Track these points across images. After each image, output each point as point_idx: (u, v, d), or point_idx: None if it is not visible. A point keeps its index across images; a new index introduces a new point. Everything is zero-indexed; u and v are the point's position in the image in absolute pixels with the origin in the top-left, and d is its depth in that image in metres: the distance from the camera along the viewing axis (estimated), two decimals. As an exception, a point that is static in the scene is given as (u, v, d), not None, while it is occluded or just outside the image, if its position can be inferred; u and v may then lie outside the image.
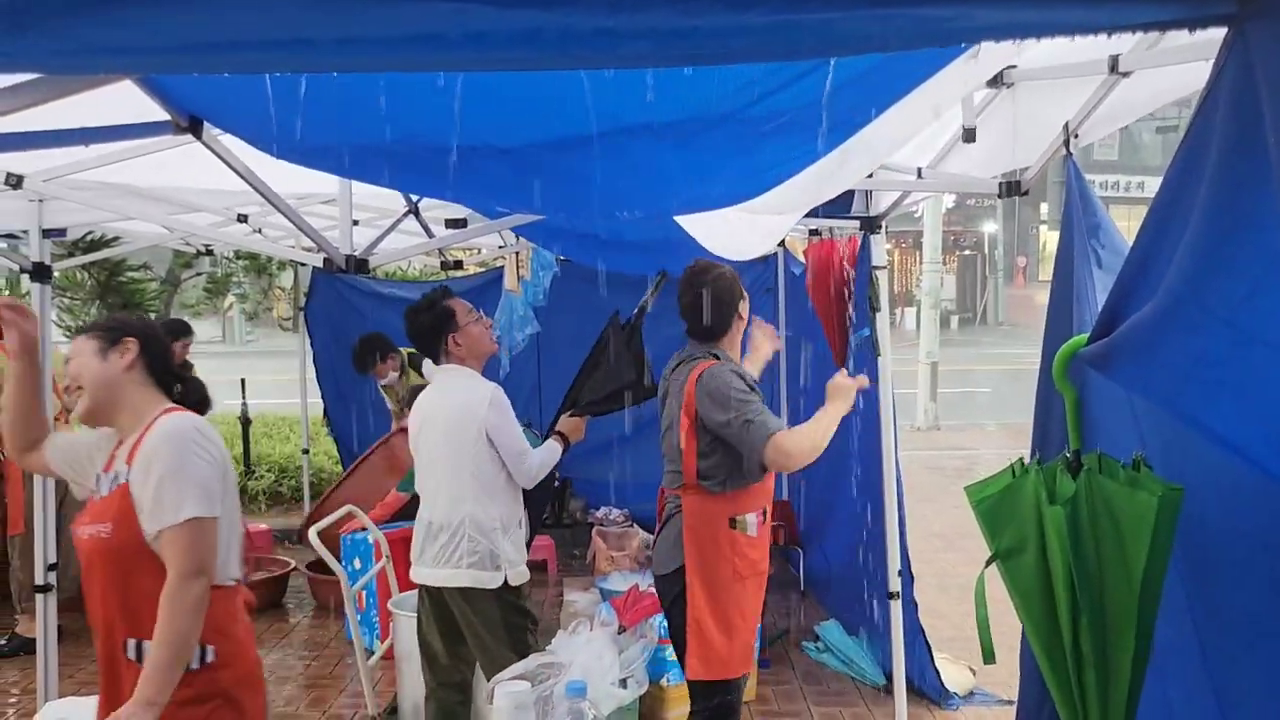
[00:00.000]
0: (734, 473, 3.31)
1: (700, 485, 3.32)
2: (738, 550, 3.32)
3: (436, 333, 3.65)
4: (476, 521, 3.52)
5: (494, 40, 1.21)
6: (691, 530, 3.33)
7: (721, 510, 3.32)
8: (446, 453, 3.57)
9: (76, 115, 2.20)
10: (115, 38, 1.22)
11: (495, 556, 3.52)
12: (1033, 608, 1.70)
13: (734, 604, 3.31)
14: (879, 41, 1.19)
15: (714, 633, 3.29)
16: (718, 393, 3.25)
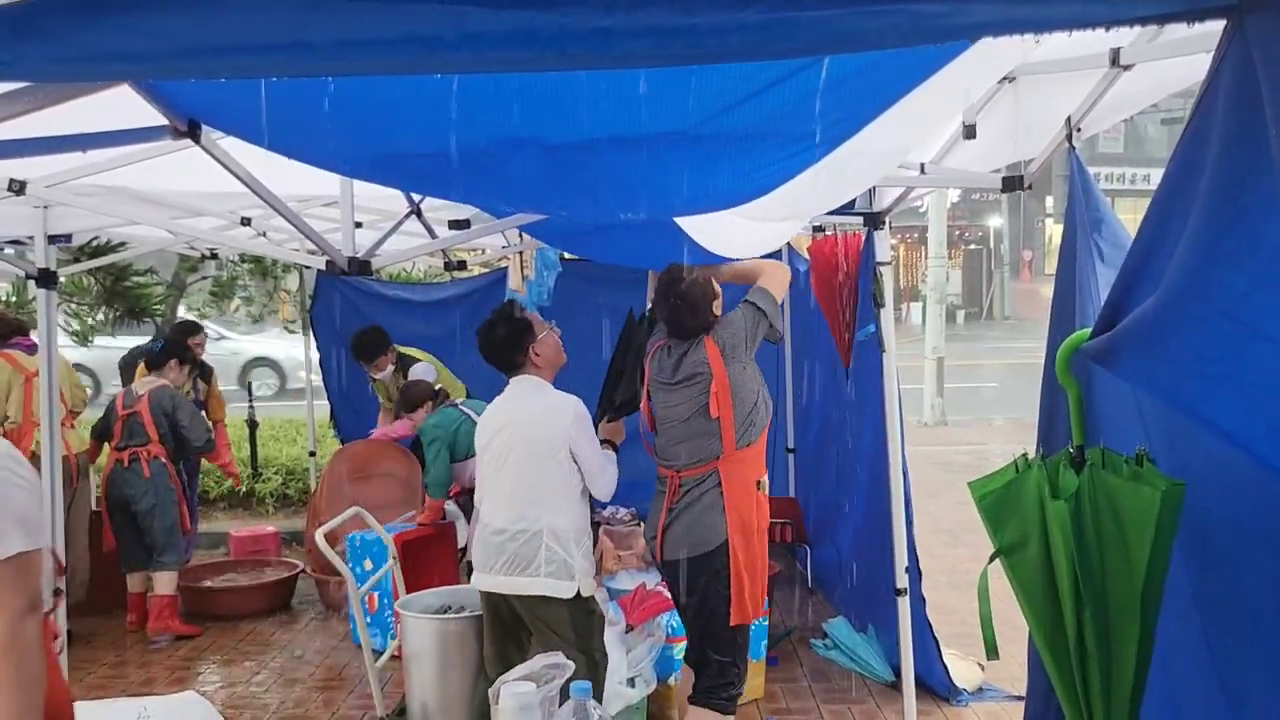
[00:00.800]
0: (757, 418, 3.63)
1: (737, 450, 3.60)
2: (761, 510, 3.66)
3: (516, 343, 3.68)
4: (555, 531, 3.55)
5: (490, 41, 1.21)
6: (731, 498, 3.59)
7: (750, 475, 3.63)
8: (525, 462, 3.59)
9: (74, 121, 2.20)
10: (114, 44, 1.22)
11: (570, 566, 3.55)
12: (1036, 603, 1.70)
13: (760, 555, 3.67)
14: (875, 38, 1.19)
15: (747, 583, 3.61)
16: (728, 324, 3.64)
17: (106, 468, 5.91)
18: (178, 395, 6.12)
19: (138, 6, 1.16)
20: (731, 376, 3.55)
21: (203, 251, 7.24)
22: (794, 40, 1.23)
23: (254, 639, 5.88)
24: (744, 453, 3.58)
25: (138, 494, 5.83)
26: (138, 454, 5.86)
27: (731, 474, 3.58)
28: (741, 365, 3.57)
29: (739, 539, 3.56)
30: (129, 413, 5.93)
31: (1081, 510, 1.62)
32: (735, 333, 3.61)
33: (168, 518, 5.88)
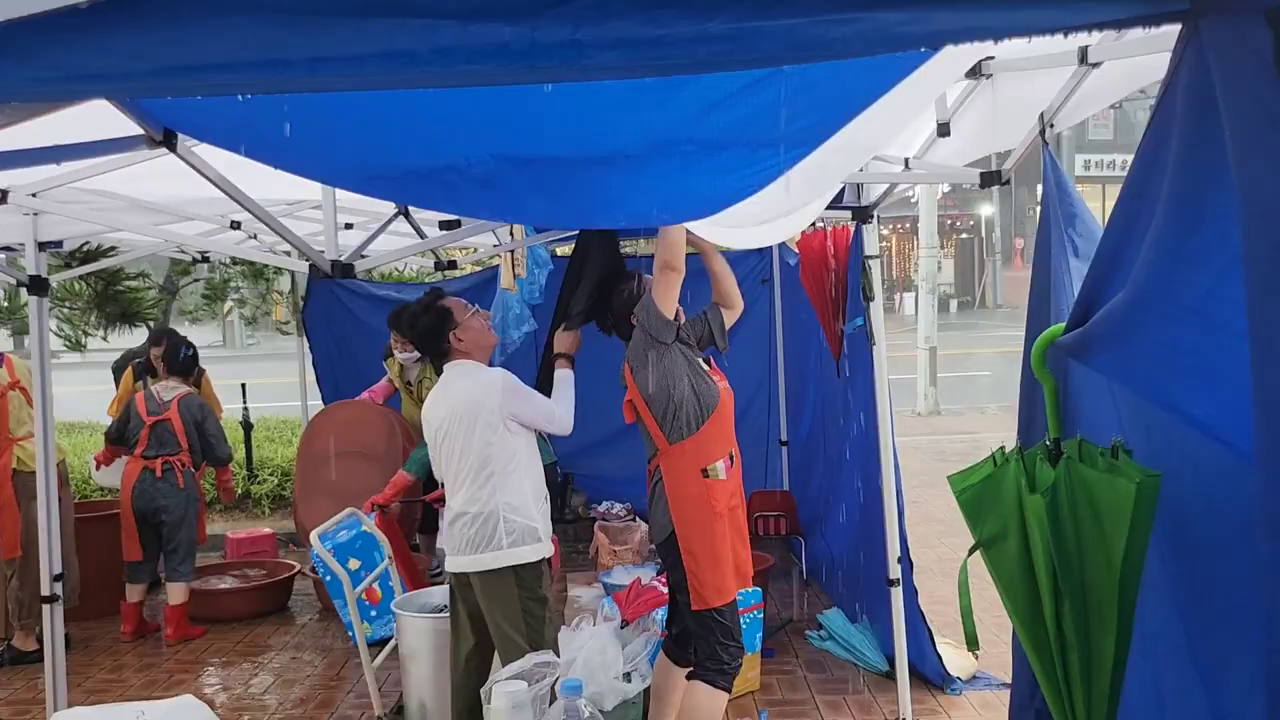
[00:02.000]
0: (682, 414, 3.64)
1: (670, 445, 3.64)
2: (713, 494, 3.64)
3: (438, 333, 3.75)
4: (510, 505, 3.63)
5: (462, 55, 1.23)
6: (672, 490, 3.65)
7: (693, 464, 3.63)
8: (466, 444, 3.65)
9: (49, 131, 2.19)
10: (91, 64, 1.24)
11: (534, 530, 3.66)
12: (1016, 595, 1.72)
13: (718, 539, 3.64)
14: (840, 46, 1.21)
15: (706, 569, 3.62)
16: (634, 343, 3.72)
17: (131, 476, 5.86)
18: (205, 404, 6.13)
19: (113, 27, 1.18)
20: (639, 385, 3.64)
21: (194, 255, 7.24)
22: (760, 50, 1.25)
23: (252, 641, 5.91)
24: (682, 445, 3.63)
25: (172, 504, 5.82)
26: (171, 464, 5.84)
27: (671, 468, 3.65)
28: (645, 374, 3.63)
29: (684, 529, 3.61)
30: (157, 420, 5.89)
31: (1059, 503, 1.64)
32: (632, 348, 3.71)
33: (193, 529, 5.93)
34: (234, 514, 8.47)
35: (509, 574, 3.62)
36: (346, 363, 8.10)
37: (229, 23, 1.19)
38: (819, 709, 4.67)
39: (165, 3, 1.16)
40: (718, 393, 3.71)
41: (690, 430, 3.63)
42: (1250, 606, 1.57)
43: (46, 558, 4.01)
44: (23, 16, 1.08)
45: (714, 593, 3.62)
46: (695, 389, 3.66)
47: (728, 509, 3.69)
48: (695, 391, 3.65)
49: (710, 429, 3.66)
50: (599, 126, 2.00)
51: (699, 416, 3.64)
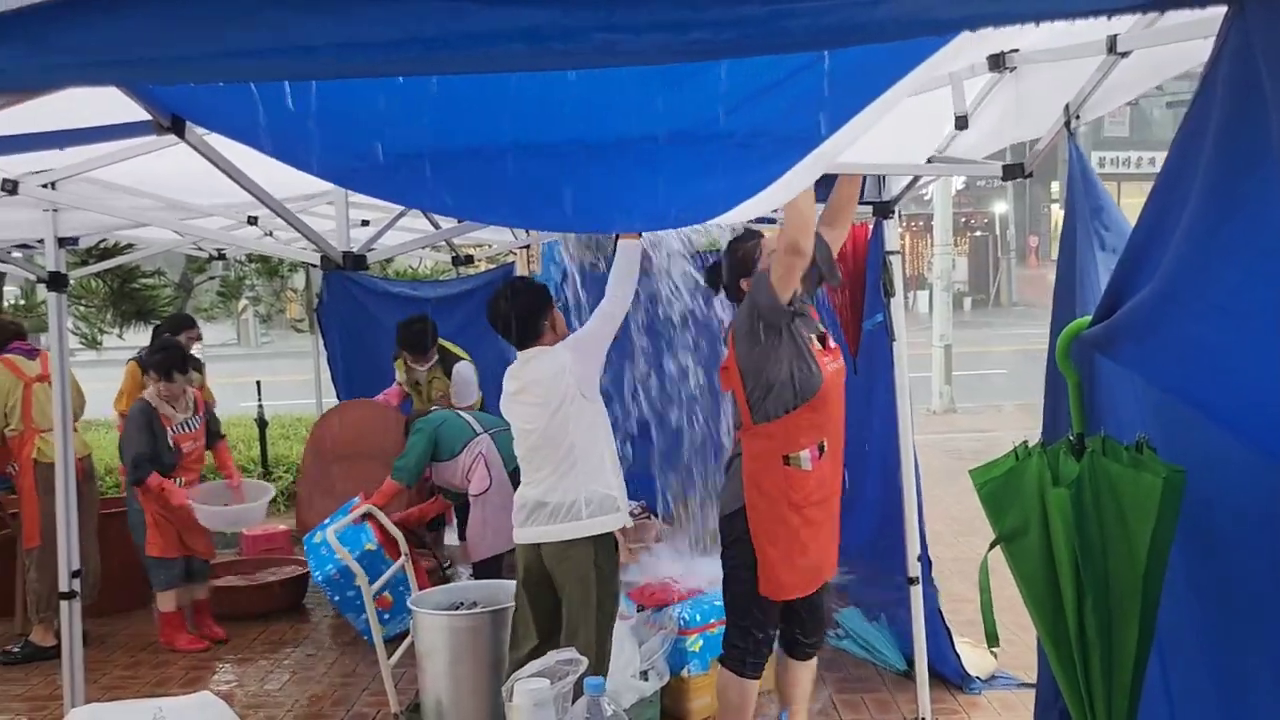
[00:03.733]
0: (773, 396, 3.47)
1: (755, 424, 3.50)
2: (792, 484, 3.49)
3: (538, 311, 3.77)
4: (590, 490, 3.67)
5: (491, 40, 1.21)
6: (750, 472, 3.53)
7: (776, 449, 3.49)
8: (544, 432, 3.70)
9: (50, 115, 2.15)
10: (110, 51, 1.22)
11: (613, 499, 3.71)
12: (1036, 590, 1.70)
13: (793, 534, 3.51)
14: (876, 29, 1.19)
15: (778, 562, 3.51)
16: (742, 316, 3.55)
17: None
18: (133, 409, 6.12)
19: (134, 12, 1.16)
20: (740, 358, 3.52)
21: (210, 252, 7.24)
22: (793, 33, 1.23)
23: (267, 638, 5.91)
24: (767, 427, 3.48)
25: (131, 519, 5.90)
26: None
27: (752, 448, 3.53)
28: (747, 348, 3.48)
29: (756, 512, 3.51)
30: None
31: (1082, 497, 1.62)
32: (739, 319, 3.57)
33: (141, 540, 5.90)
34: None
35: (587, 544, 3.66)
36: (361, 360, 8.09)
37: (253, 8, 1.17)
38: (837, 708, 4.64)
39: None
40: (819, 381, 3.49)
41: (777, 414, 3.46)
42: (1271, 604, 1.54)
43: (65, 553, 4.01)
44: (40, 1, 1.06)
45: (774, 584, 3.54)
46: (794, 374, 3.47)
47: (810, 502, 3.52)
48: (794, 377, 3.47)
49: (801, 416, 3.47)
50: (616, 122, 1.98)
51: (791, 403, 3.46)
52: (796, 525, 3.51)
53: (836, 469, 3.63)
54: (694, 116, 1.88)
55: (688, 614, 4.51)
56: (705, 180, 2.31)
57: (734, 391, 3.58)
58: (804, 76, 1.70)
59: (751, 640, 3.64)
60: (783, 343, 3.46)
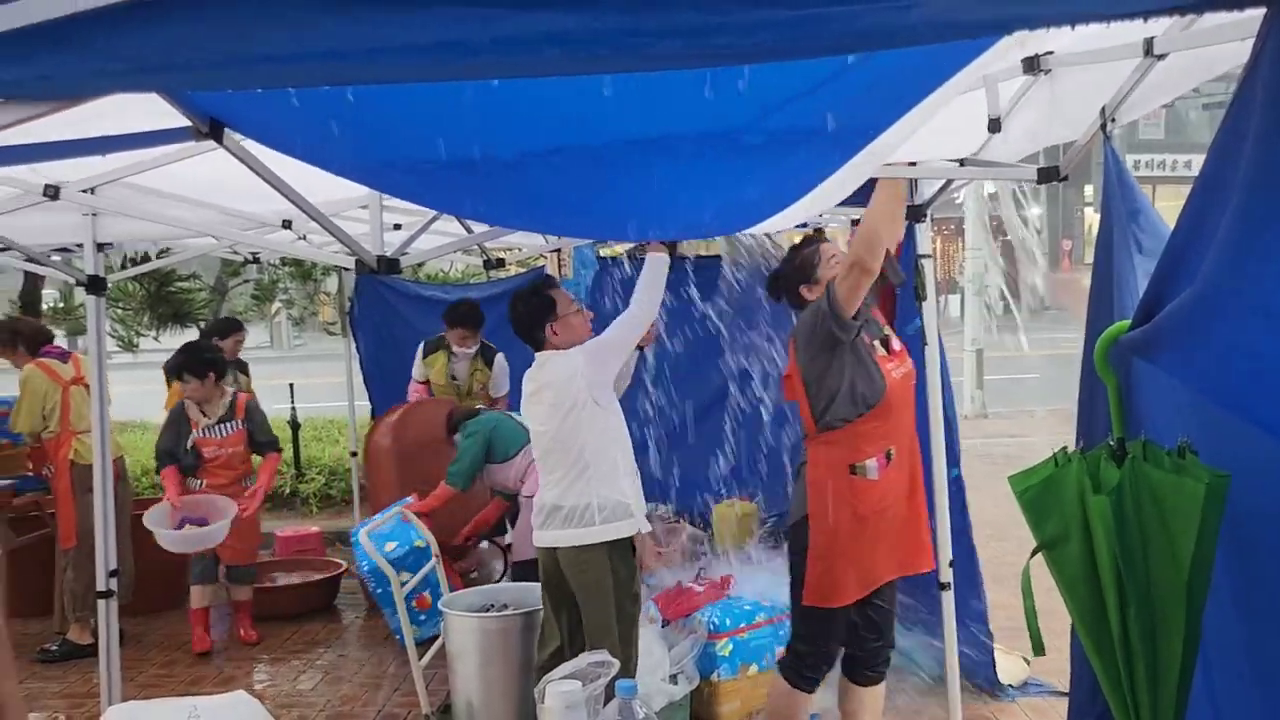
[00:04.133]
0: (836, 404, 3.42)
1: (818, 432, 3.47)
2: (857, 494, 3.43)
3: (537, 322, 3.81)
4: (602, 495, 3.67)
5: (519, 45, 1.22)
6: (814, 480, 3.47)
7: (841, 458, 3.44)
8: (558, 430, 3.72)
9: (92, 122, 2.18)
10: (153, 57, 1.24)
11: (625, 506, 3.70)
12: (1079, 598, 1.68)
13: (852, 540, 3.43)
14: (906, 35, 1.18)
15: (825, 566, 3.43)
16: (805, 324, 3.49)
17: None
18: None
19: (177, 19, 1.18)
20: (802, 366, 3.47)
21: (245, 256, 7.32)
22: (825, 37, 1.23)
23: (300, 638, 5.96)
24: (831, 435, 3.43)
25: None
26: None
27: (817, 456, 3.48)
28: (808, 358, 3.44)
29: (818, 521, 3.43)
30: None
31: (1123, 504, 1.60)
32: (802, 326, 3.51)
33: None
34: (282, 512, 8.56)
35: (601, 550, 3.66)
36: (393, 363, 8.13)
37: (288, 14, 1.18)
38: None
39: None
40: (882, 389, 3.44)
41: (841, 423, 3.42)
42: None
43: (102, 553, 4.07)
44: (91, 9, 1.08)
45: (829, 590, 3.44)
46: (856, 384, 3.41)
47: (874, 511, 3.44)
48: (855, 387, 3.41)
49: (867, 424, 3.42)
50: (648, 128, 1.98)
51: (853, 411, 3.41)
52: (856, 534, 3.42)
53: (904, 476, 3.55)
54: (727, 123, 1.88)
55: (717, 618, 4.51)
56: (740, 188, 2.30)
57: (796, 401, 3.54)
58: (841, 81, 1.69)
59: (813, 652, 3.55)
60: (845, 352, 3.40)
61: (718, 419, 7.43)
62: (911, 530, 3.60)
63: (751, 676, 4.52)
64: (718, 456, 7.42)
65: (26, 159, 2.56)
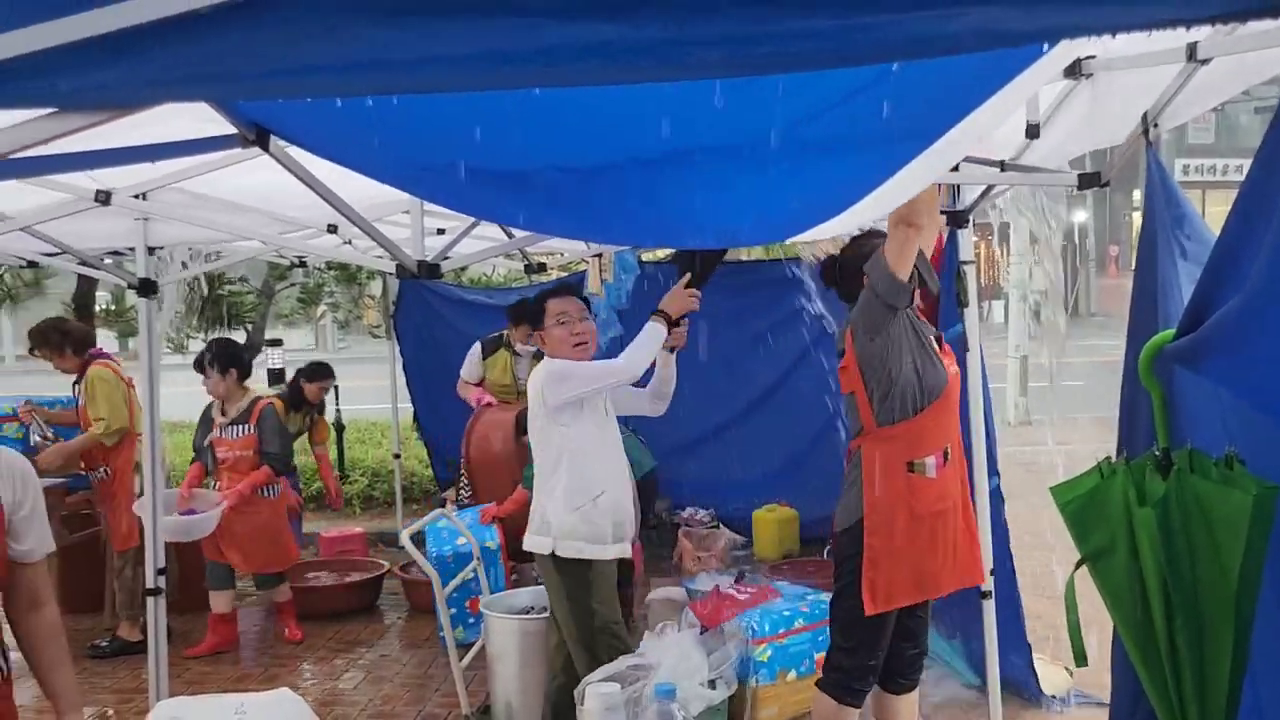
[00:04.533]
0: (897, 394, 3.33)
1: (877, 426, 3.36)
2: (915, 492, 3.33)
3: (533, 326, 3.91)
4: (546, 494, 3.73)
5: (564, 54, 1.24)
6: (869, 480, 3.37)
7: (900, 453, 3.34)
8: (534, 441, 3.83)
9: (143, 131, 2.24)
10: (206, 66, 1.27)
11: (547, 524, 3.70)
12: (1125, 609, 1.67)
13: (909, 542, 3.35)
14: (950, 42, 1.19)
15: (883, 569, 3.34)
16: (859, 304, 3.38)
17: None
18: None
19: (230, 30, 1.21)
20: (859, 353, 3.34)
21: (291, 259, 7.42)
22: (867, 46, 1.23)
23: (342, 637, 6.02)
24: (891, 430, 3.32)
25: None
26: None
27: (874, 453, 3.35)
28: (868, 339, 3.32)
29: (874, 521, 3.33)
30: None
31: (1169, 515, 1.59)
32: (857, 310, 3.39)
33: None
34: (325, 512, 8.66)
35: (550, 560, 3.70)
36: (436, 366, 8.21)
37: (337, 24, 1.20)
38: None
39: (278, 5, 1.18)
40: (945, 379, 3.37)
41: (904, 415, 3.32)
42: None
43: (151, 552, 4.15)
44: (148, 22, 1.11)
45: (883, 596, 3.35)
46: (919, 369, 3.32)
47: (932, 512, 3.37)
48: (919, 372, 3.32)
49: (927, 418, 3.33)
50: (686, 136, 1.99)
51: (917, 402, 3.32)
52: (914, 535, 3.33)
53: (957, 479, 3.47)
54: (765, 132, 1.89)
55: (756, 623, 4.50)
56: (779, 198, 2.30)
57: (854, 393, 3.42)
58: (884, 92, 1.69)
59: (857, 664, 3.47)
60: (903, 333, 3.30)
61: (758, 424, 7.43)
62: (966, 540, 3.52)
63: (790, 682, 4.51)
64: (758, 461, 7.42)
65: (80, 166, 2.62)
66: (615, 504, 3.75)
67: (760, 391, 7.45)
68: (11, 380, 10.19)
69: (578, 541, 3.68)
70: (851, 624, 3.44)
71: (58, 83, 1.22)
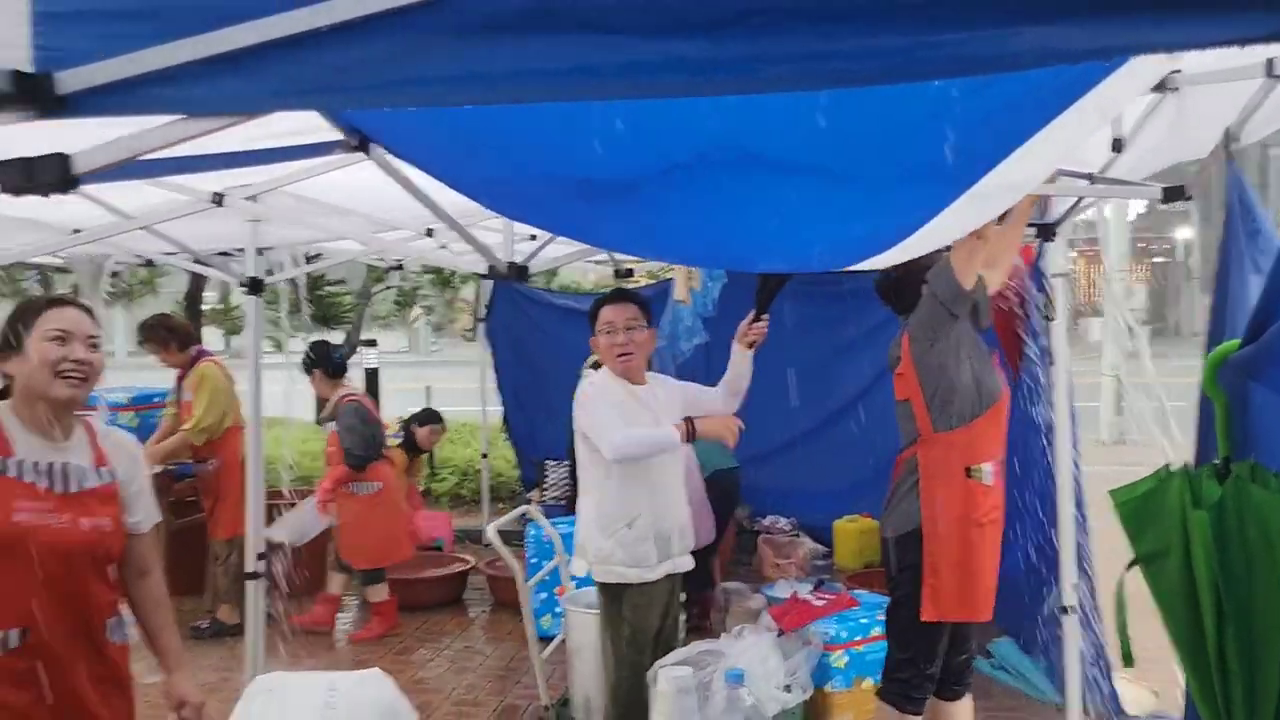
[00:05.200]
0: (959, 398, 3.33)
1: (935, 433, 3.35)
2: (973, 500, 3.33)
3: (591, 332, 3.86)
4: (582, 513, 3.75)
5: (646, 69, 1.33)
6: (927, 486, 3.36)
7: (958, 459, 3.34)
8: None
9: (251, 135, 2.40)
10: (320, 78, 1.40)
11: (583, 548, 3.74)
12: (1175, 614, 1.69)
13: (972, 551, 3.33)
14: (1010, 61, 1.25)
15: (950, 577, 3.33)
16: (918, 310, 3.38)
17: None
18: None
19: (344, 45, 1.33)
20: (917, 359, 3.35)
21: (389, 263, 7.65)
22: (932, 63, 1.30)
23: (428, 629, 6.20)
24: (949, 436, 3.32)
25: None
26: None
27: (931, 459, 3.35)
28: (928, 345, 3.32)
29: (934, 527, 3.31)
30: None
31: (1225, 522, 1.61)
32: (916, 317, 3.41)
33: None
34: (416, 509, 8.90)
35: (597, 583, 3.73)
36: (525, 369, 8.40)
37: (441, 41, 1.32)
38: (982, 735, 4.56)
39: (388, 24, 1.30)
40: (1000, 386, 3.38)
41: (962, 421, 3.32)
42: None
43: (252, 538, 4.35)
44: (273, 39, 1.24)
45: (956, 603, 3.33)
46: (977, 376, 3.33)
47: (991, 521, 3.36)
48: (977, 379, 3.33)
49: (985, 424, 3.34)
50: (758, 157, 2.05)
51: (975, 408, 3.32)
52: (975, 543, 3.32)
53: (1003, 496, 3.46)
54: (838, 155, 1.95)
55: (834, 630, 4.53)
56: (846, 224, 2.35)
57: (910, 400, 3.41)
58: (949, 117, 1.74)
59: (916, 673, 3.48)
60: (963, 340, 3.30)
61: (843, 433, 7.41)
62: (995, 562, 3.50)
63: (865, 690, 4.52)
64: (841, 471, 7.40)
65: (197, 169, 2.80)
66: (656, 523, 3.66)
67: (846, 401, 7.43)
68: (125, 374, 10.72)
69: (615, 566, 3.64)
70: (909, 632, 3.47)
71: (193, 91, 1.36)
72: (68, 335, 2.42)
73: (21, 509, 2.37)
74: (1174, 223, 29.23)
